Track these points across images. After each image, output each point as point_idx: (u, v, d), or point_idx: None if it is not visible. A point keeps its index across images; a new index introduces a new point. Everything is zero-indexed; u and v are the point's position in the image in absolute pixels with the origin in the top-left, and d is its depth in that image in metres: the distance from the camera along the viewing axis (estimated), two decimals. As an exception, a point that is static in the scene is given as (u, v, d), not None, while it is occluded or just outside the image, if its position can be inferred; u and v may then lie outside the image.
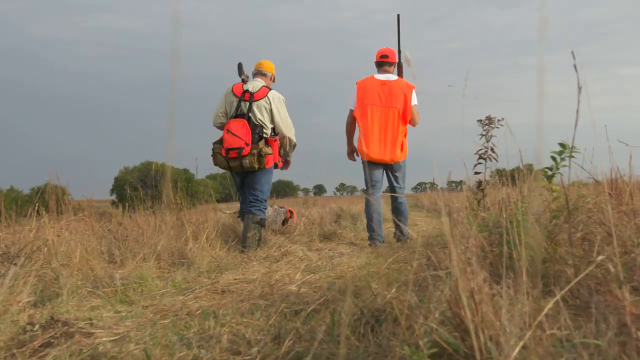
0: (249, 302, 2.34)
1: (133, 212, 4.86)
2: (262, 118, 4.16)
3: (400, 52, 4.54)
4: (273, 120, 4.22)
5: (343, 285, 2.18)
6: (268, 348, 1.71)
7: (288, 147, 4.43)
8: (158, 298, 2.57)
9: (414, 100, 4.37)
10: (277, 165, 4.45)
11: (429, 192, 11.41)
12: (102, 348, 1.76)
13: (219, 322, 2.00)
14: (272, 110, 4.19)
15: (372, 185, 4.41)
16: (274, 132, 4.29)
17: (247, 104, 4.15)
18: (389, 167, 4.44)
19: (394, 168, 4.44)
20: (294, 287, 2.48)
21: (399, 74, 4.57)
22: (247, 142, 4.01)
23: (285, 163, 4.55)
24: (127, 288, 2.69)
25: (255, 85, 4.24)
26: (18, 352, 1.68)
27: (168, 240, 3.70)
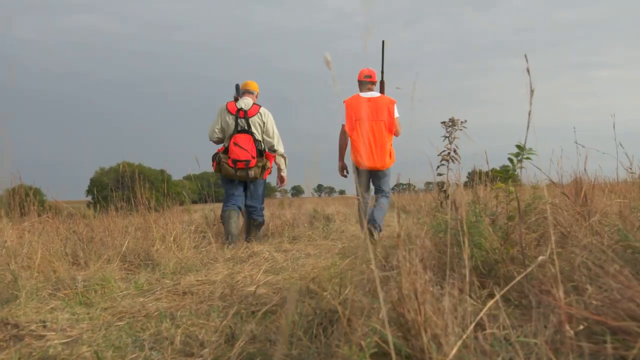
0: (208, 303, 2.33)
1: (106, 213, 4.83)
2: (257, 133, 4.72)
3: (383, 72, 5.02)
4: (264, 134, 4.78)
5: (303, 286, 2.18)
6: (221, 349, 1.71)
7: (281, 161, 4.94)
8: (118, 300, 2.54)
9: (396, 113, 4.80)
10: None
11: (407, 193, 11.51)
12: (52, 351, 1.74)
13: (175, 323, 1.99)
14: (266, 125, 4.76)
15: (365, 191, 4.79)
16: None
17: (243, 121, 4.70)
18: (379, 172, 4.81)
19: (384, 173, 4.82)
20: (253, 287, 2.48)
21: (381, 91, 5.01)
22: (253, 155, 4.66)
23: (281, 179, 5.06)
24: (88, 290, 2.65)
25: (247, 103, 4.81)
26: (-36, 356, 1.65)
27: (134, 242, 3.67)
